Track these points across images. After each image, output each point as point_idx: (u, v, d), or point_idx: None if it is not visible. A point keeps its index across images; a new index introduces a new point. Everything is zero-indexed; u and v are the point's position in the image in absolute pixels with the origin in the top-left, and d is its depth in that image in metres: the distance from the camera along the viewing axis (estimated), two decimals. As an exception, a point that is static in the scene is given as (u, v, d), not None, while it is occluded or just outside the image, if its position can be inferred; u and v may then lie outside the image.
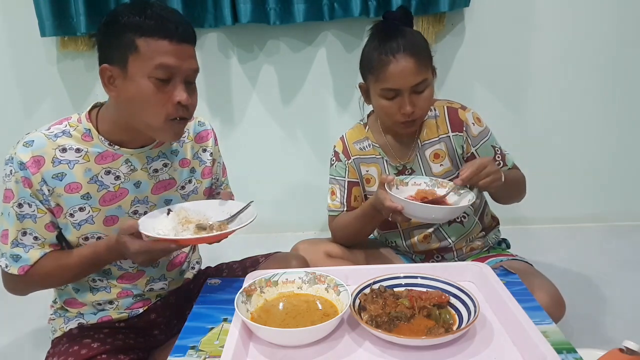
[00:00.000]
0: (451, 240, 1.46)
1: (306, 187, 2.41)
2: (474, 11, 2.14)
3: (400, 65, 1.26)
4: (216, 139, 1.34)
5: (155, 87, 1.03)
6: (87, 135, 1.12)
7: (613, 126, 2.28)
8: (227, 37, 2.23)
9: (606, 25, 2.15)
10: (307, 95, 2.30)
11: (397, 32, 1.29)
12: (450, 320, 0.97)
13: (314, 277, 1.09)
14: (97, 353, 1.13)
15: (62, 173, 1.09)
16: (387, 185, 1.21)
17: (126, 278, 1.22)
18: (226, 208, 1.20)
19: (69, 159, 1.10)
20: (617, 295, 1.75)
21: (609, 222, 2.38)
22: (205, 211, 1.19)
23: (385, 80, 1.28)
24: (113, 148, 1.13)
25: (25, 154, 1.07)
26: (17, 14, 2.18)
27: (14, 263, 1.11)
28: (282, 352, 0.94)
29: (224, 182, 1.39)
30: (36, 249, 1.11)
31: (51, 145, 1.09)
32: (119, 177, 1.15)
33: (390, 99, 1.30)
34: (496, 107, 2.27)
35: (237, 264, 1.40)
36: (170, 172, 1.22)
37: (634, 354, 0.84)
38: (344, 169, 1.46)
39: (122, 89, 1.05)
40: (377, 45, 1.30)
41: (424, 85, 1.29)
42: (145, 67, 1.02)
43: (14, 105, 2.32)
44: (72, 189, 1.11)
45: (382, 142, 1.45)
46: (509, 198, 1.43)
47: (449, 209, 1.19)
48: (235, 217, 1.16)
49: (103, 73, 1.06)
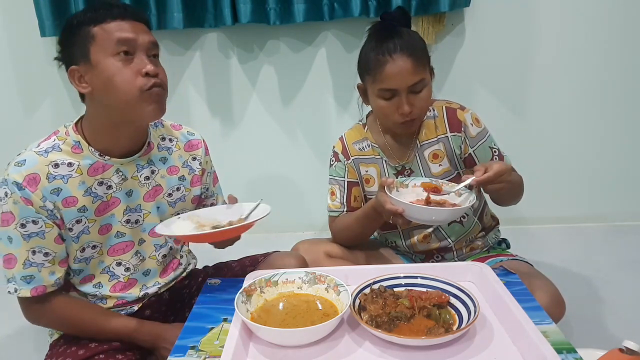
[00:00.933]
0: (451, 240, 1.46)
1: (306, 187, 2.41)
2: (474, 11, 2.14)
3: (397, 65, 1.26)
4: (207, 149, 1.35)
5: (120, 64, 1.06)
6: (76, 147, 1.13)
7: (613, 126, 2.28)
8: (227, 37, 2.23)
9: (607, 25, 2.15)
10: (307, 95, 2.30)
11: (394, 33, 1.29)
12: (450, 320, 0.97)
13: (314, 277, 1.09)
14: (95, 353, 1.13)
15: (58, 188, 1.09)
16: (387, 188, 1.21)
17: (119, 288, 1.22)
18: (235, 210, 1.23)
19: (62, 173, 1.10)
20: (617, 295, 1.75)
21: (609, 222, 2.38)
22: (215, 216, 1.22)
23: (382, 81, 1.28)
24: (103, 159, 1.14)
25: (19, 174, 1.06)
26: (16, 13, 2.18)
27: (26, 285, 1.10)
28: (282, 352, 0.94)
29: (215, 192, 1.40)
30: (47, 267, 1.11)
31: (43, 161, 1.09)
32: (111, 187, 1.16)
33: (388, 99, 1.30)
34: (496, 107, 2.27)
35: (237, 263, 1.40)
36: (158, 179, 1.24)
37: (634, 354, 0.84)
38: (343, 169, 1.46)
39: (93, 81, 1.08)
40: (374, 46, 1.30)
41: (421, 85, 1.29)
42: (106, 49, 1.06)
43: (14, 106, 2.32)
44: (69, 203, 1.11)
45: (381, 142, 1.45)
46: (508, 201, 1.42)
47: (449, 211, 1.18)
48: (249, 216, 1.19)
49: (72, 75, 1.10)
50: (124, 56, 1.07)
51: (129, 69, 1.07)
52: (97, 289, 1.21)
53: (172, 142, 1.28)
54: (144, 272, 1.25)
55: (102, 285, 1.21)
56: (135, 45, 1.08)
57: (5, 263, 1.10)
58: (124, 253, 1.21)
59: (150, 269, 1.26)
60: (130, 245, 1.22)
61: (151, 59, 1.10)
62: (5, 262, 1.10)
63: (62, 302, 1.15)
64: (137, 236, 1.23)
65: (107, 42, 1.06)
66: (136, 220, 1.21)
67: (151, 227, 1.22)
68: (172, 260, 1.32)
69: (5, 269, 1.10)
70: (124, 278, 1.22)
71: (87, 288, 1.20)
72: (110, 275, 1.21)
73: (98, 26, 1.06)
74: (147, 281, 1.26)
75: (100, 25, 1.06)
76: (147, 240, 1.24)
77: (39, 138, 1.16)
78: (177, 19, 2.08)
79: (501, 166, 1.20)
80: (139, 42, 1.08)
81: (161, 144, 1.26)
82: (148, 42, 1.10)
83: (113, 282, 1.22)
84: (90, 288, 1.20)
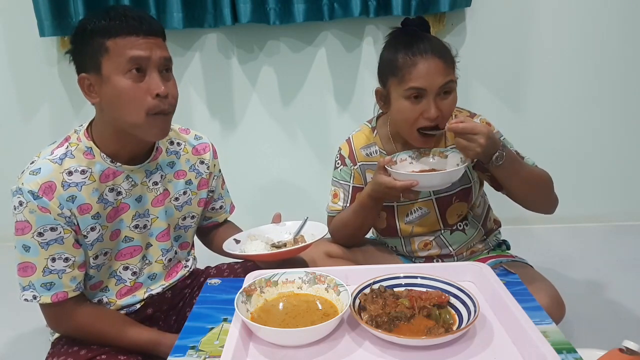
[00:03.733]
0: (452, 248, 1.45)
1: (306, 187, 2.41)
2: (475, 11, 2.14)
3: (429, 64, 1.23)
4: (215, 152, 1.36)
5: (131, 82, 1.05)
6: (88, 154, 1.13)
7: (613, 126, 2.29)
8: (227, 37, 2.23)
9: (607, 24, 2.15)
10: (307, 95, 2.30)
11: (421, 36, 1.27)
12: (450, 320, 0.97)
13: (314, 277, 1.09)
14: (97, 354, 1.13)
15: (73, 196, 1.09)
16: (389, 166, 1.22)
17: (124, 292, 1.23)
18: (284, 228, 1.33)
19: (76, 181, 1.10)
20: (617, 295, 1.75)
21: (609, 222, 2.38)
22: (267, 234, 1.31)
23: (412, 80, 1.23)
24: (115, 165, 1.14)
25: (34, 182, 1.06)
26: (15, 13, 2.18)
27: (46, 292, 1.10)
28: (282, 352, 0.94)
29: (222, 195, 1.41)
30: (68, 272, 1.11)
31: (58, 169, 1.09)
32: (121, 193, 1.17)
33: (416, 99, 1.25)
34: (496, 107, 2.27)
35: (238, 263, 1.40)
36: (165, 184, 1.24)
37: (634, 354, 0.84)
38: (349, 174, 1.45)
39: (102, 93, 1.07)
40: (401, 48, 1.26)
41: (450, 86, 1.25)
42: (118, 65, 1.05)
43: (13, 107, 2.32)
44: (84, 210, 1.11)
45: (390, 149, 1.41)
46: (531, 198, 1.37)
47: (459, 170, 1.21)
48: (299, 232, 1.29)
49: (82, 83, 1.09)
50: (135, 73, 1.05)
51: (139, 88, 1.06)
52: (104, 293, 1.21)
53: (180, 146, 1.29)
54: (150, 276, 1.26)
55: (109, 289, 1.21)
56: (148, 63, 1.06)
57: (21, 271, 1.10)
58: (131, 257, 1.22)
59: (157, 273, 1.27)
60: (138, 249, 1.22)
61: (163, 74, 1.09)
62: (21, 270, 1.10)
63: (83, 310, 1.15)
64: (145, 241, 1.23)
65: (119, 58, 1.04)
66: (144, 225, 1.22)
67: (158, 232, 1.24)
68: (177, 264, 1.33)
69: (20, 277, 1.10)
70: (130, 282, 1.23)
71: (94, 294, 1.21)
72: (117, 280, 1.22)
73: (112, 40, 1.04)
74: (152, 284, 1.27)
75: (114, 40, 1.04)
76: (153, 245, 1.25)
77: (38, 138, 1.16)
78: (177, 19, 2.08)
79: (476, 125, 1.18)
80: (152, 60, 1.06)
81: (170, 148, 1.26)
82: (161, 58, 1.08)
83: (119, 286, 1.22)
84: (98, 293, 1.21)
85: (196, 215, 1.33)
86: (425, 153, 1.30)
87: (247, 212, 1.66)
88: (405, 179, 1.18)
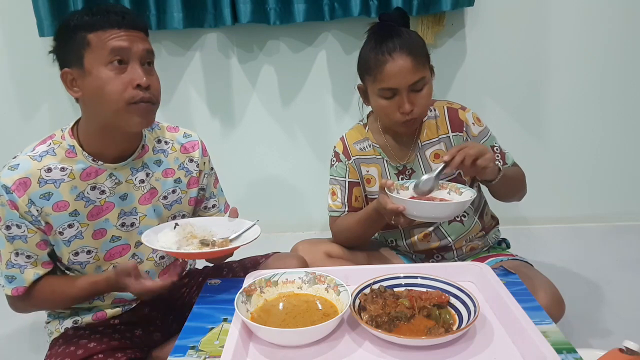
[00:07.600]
0: (451, 239, 1.46)
1: (306, 187, 2.41)
2: (476, 11, 2.14)
3: (397, 64, 1.26)
4: (205, 149, 1.34)
5: (113, 73, 1.06)
6: (71, 152, 1.13)
7: (613, 126, 2.28)
8: (227, 37, 2.23)
9: (608, 24, 2.15)
10: (307, 95, 2.30)
11: (393, 32, 1.30)
12: (450, 320, 0.97)
13: (314, 277, 1.09)
14: (94, 352, 1.13)
15: (49, 193, 1.11)
16: (387, 189, 1.21)
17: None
18: (232, 226, 1.23)
19: (54, 178, 1.11)
20: (617, 295, 1.75)
21: (609, 222, 2.38)
22: (211, 227, 1.22)
23: (382, 80, 1.28)
24: (97, 164, 1.15)
25: (9, 178, 1.08)
26: (15, 13, 2.18)
27: (8, 284, 1.14)
28: (282, 352, 0.94)
29: (215, 194, 1.39)
30: (30, 269, 1.14)
31: (36, 166, 1.10)
32: (104, 192, 1.17)
33: (389, 99, 1.30)
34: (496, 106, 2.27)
35: (237, 263, 1.40)
36: (153, 182, 1.23)
37: (634, 354, 0.84)
38: (344, 169, 1.46)
39: (84, 86, 1.08)
40: (373, 46, 1.31)
41: (421, 83, 1.29)
42: (100, 57, 1.06)
43: (12, 107, 2.32)
44: (60, 208, 1.12)
45: (382, 142, 1.45)
46: (509, 195, 1.42)
47: (451, 205, 1.18)
48: (240, 236, 1.19)
49: (64, 78, 1.10)
50: (117, 65, 1.06)
51: (120, 79, 1.06)
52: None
53: (167, 144, 1.28)
54: None
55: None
56: (129, 54, 1.07)
57: None
58: (120, 257, 1.22)
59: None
60: (126, 248, 1.22)
61: (145, 68, 1.09)
62: None
63: (36, 289, 1.16)
64: (134, 239, 1.23)
65: (101, 50, 1.05)
66: (132, 224, 1.21)
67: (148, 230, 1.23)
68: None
69: None
70: None
71: None
72: None
73: (94, 33, 1.05)
74: None
75: (96, 33, 1.05)
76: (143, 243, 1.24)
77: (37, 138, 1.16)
78: (177, 19, 2.08)
79: (475, 145, 1.19)
80: (133, 51, 1.07)
81: (157, 147, 1.26)
82: (142, 50, 1.09)
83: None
84: None
85: (187, 214, 1.32)
86: (443, 186, 1.27)
87: (246, 211, 1.66)
88: (396, 202, 1.18)
